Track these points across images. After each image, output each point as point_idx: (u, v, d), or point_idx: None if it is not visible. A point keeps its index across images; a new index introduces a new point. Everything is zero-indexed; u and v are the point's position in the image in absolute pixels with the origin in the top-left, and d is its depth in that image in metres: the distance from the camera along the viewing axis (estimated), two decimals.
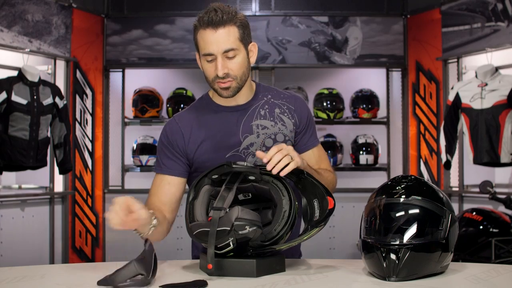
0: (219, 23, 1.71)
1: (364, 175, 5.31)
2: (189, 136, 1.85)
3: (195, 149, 1.84)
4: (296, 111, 1.90)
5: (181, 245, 5.00)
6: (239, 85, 1.79)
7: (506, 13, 4.29)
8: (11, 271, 1.64)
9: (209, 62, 1.75)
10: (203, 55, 1.75)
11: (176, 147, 1.85)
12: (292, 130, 1.88)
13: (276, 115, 1.87)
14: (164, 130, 1.89)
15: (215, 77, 1.77)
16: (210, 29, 1.71)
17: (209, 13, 1.72)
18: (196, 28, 1.76)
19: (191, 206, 1.64)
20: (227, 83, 1.76)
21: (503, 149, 4.06)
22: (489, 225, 3.37)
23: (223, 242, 1.50)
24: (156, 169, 1.89)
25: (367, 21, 5.24)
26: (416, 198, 1.55)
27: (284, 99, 1.91)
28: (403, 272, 1.48)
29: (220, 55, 1.72)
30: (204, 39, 1.73)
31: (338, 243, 5.13)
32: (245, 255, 1.57)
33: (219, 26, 1.71)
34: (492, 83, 4.12)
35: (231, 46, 1.73)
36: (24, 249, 4.45)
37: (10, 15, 4.33)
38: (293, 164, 1.59)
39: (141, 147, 5.13)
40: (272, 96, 1.90)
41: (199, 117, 1.87)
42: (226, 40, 1.72)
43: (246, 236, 1.51)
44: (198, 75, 5.41)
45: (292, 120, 1.88)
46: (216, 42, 1.71)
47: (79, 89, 4.98)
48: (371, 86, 5.25)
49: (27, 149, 4.09)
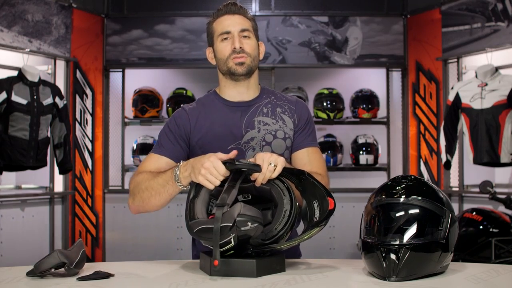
0: (236, 11, 1.91)
1: (364, 175, 5.31)
2: (195, 123, 1.91)
3: (199, 137, 1.89)
4: (296, 111, 1.97)
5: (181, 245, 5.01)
6: (252, 64, 1.90)
7: (506, 13, 4.29)
8: (11, 271, 1.64)
9: (225, 41, 1.89)
10: (220, 34, 1.89)
11: (183, 131, 1.90)
12: (292, 128, 1.93)
13: (278, 114, 1.94)
14: (173, 117, 1.96)
15: (231, 53, 1.88)
16: (227, 15, 1.91)
17: (227, 5, 1.93)
18: (211, 23, 1.94)
19: (191, 204, 1.64)
20: (242, 58, 1.88)
21: (503, 149, 4.06)
22: (489, 225, 3.37)
23: (225, 238, 1.50)
24: (154, 149, 1.91)
25: (367, 21, 5.24)
26: (416, 198, 1.55)
27: (286, 101, 1.99)
28: (403, 272, 1.48)
29: (237, 33, 1.88)
30: (222, 22, 1.90)
31: (338, 243, 5.13)
32: (245, 255, 1.57)
33: (236, 13, 1.91)
34: (492, 83, 4.12)
35: (247, 27, 1.90)
36: (24, 249, 4.45)
37: (10, 15, 4.33)
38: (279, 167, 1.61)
39: (141, 147, 5.12)
40: (276, 98, 1.99)
41: (206, 109, 1.94)
42: (243, 22, 1.91)
43: (247, 234, 1.51)
44: (198, 75, 5.43)
45: (292, 119, 1.94)
46: (234, 22, 1.90)
47: (79, 89, 4.98)
48: (371, 86, 5.25)
49: (27, 149, 4.09)
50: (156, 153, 1.89)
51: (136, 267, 1.73)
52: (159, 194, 1.74)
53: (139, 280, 1.55)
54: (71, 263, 1.54)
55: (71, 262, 1.54)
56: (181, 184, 1.69)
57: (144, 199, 1.77)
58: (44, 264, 1.52)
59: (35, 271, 1.53)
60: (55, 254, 1.53)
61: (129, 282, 1.52)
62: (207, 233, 1.53)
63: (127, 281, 1.53)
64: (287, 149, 1.92)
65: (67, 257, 1.54)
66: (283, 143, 1.92)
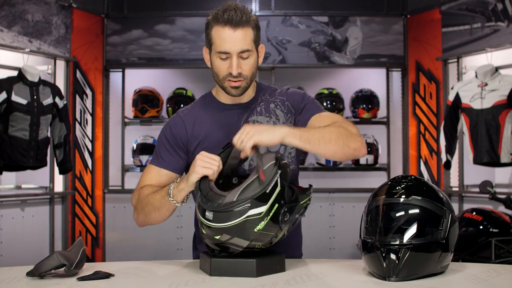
0: (239, 23, 1.73)
1: (364, 175, 5.31)
2: (192, 130, 1.88)
3: (196, 144, 1.86)
4: (287, 100, 1.91)
5: (181, 245, 5.00)
6: (247, 85, 1.82)
7: (506, 13, 4.29)
8: (11, 271, 1.64)
9: (222, 60, 1.77)
10: (218, 52, 1.76)
11: (179, 141, 1.87)
12: (284, 122, 1.88)
13: (271, 110, 1.89)
14: (168, 125, 1.92)
15: (226, 75, 1.78)
16: (228, 27, 1.73)
17: (229, 11, 1.73)
18: (211, 24, 1.78)
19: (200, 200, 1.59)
20: (238, 82, 1.79)
21: (503, 149, 4.06)
22: (489, 225, 3.37)
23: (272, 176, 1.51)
24: (153, 161, 1.90)
25: (367, 21, 5.24)
26: (416, 198, 1.55)
27: (277, 94, 1.93)
28: (403, 272, 1.48)
29: (236, 55, 1.75)
30: (221, 37, 1.74)
31: (338, 243, 5.13)
32: (245, 255, 1.56)
33: (238, 26, 1.73)
34: (492, 83, 4.12)
35: (247, 47, 1.76)
36: (24, 249, 4.45)
37: (10, 15, 4.33)
38: (249, 141, 1.58)
39: (141, 147, 5.13)
40: (269, 94, 1.93)
41: (202, 114, 1.91)
42: (243, 41, 1.75)
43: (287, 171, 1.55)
44: (198, 75, 5.43)
45: (285, 111, 1.89)
46: (234, 41, 1.74)
47: (79, 89, 4.98)
48: (371, 86, 5.25)
49: (27, 149, 4.09)
50: (156, 165, 1.88)
51: (136, 267, 1.73)
52: (158, 210, 1.74)
53: (139, 280, 1.55)
54: (71, 265, 1.54)
55: (71, 264, 1.54)
56: (173, 200, 1.69)
57: (146, 214, 1.79)
58: (43, 266, 1.52)
59: (34, 273, 1.53)
60: (55, 255, 1.53)
61: (129, 282, 1.52)
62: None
63: (127, 281, 1.53)
64: (282, 145, 1.87)
65: (67, 259, 1.54)
66: None
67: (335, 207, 5.10)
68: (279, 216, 1.52)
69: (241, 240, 1.51)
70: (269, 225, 1.50)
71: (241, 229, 1.49)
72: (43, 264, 1.53)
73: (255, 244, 1.53)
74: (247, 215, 1.47)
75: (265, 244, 1.56)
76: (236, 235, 1.50)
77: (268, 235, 1.52)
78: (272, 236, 1.54)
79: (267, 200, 1.49)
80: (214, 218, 1.49)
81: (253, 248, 1.55)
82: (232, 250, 1.54)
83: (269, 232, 1.52)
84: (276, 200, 1.51)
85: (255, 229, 1.49)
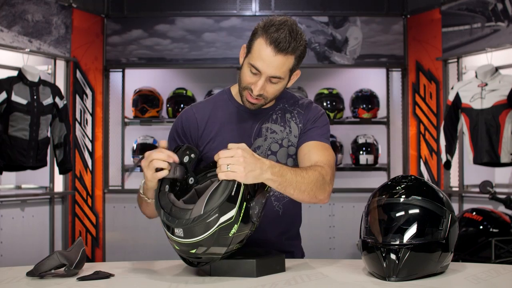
0: (283, 49, 1.67)
1: (364, 175, 5.31)
2: (204, 128, 1.85)
3: (206, 142, 1.84)
4: (304, 115, 1.87)
5: None
6: (265, 103, 1.80)
7: (506, 13, 4.29)
8: (11, 271, 1.64)
9: (251, 73, 1.72)
10: (251, 64, 1.71)
11: (189, 137, 1.86)
12: (297, 135, 1.85)
13: (287, 120, 1.86)
14: (180, 117, 1.89)
15: (249, 88, 1.75)
16: (272, 49, 1.67)
17: (281, 32, 1.67)
18: (258, 33, 1.71)
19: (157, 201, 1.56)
20: (256, 100, 1.76)
21: (503, 149, 4.06)
22: (489, 225, 3.37)
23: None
24: None
25: (367, 21, 5.24)
26: (416, 198, 1.55)
27: (297, 106, 1.90)
28: (403, 272, 1.48)
29: (265, 77, 1.71)
30: (260, 54, 1.69)
31: (338, 243, 5.13)
32: (245, 255, 1.56)
33: (281, 52, 1.68)
34: (492, 83, 4.12)
35: (280, 75, 1.71)
36: (24, 249, 4.45)
37: (10, 15, 4.33)
38: (232, 175, 1.47)
39: (141, 147, 5.12)
40: (288, 104, 1.90)
41: (217, 112, 1.87)
42: (278, 69, 1.70)
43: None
44: (198, 75, 5.43)
45: (300, 125, 1.86)
46: (270, 64, 1.69)
47: (79, 89, 4.98)
48: (371, 86, 5.25)
49: (27, 149, 4.09)
50: None
51: (136, 267, 1.73)
52: (148, 205, 1.71)
53: (139, 280, 1.55)
54: (71, 265, 1.54)
55: (71, 264, 1.54)
56: (146, 197, 1.66)
57: (142, 208, 1.79)
58: (43, 266, 1.52)
59: (34, 273, 1.53)
60: (55, 255, 1.53)
61: (129, 282, 1.52)
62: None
63: (127, 281, 1.53)
64: (290, 157, 1.85)
65: (67, 259, 1.54)
66: (286, 151, 1.85)
67: (335, 207, 5.10)
68: (249, 213, 1.50)
69: (219, 248, 1.47)
70: (242, 225, 1.48)
71: (216, 238, 1.45)
72: (43, 264, 1.53)
73: (233, 247, 1.51)
74: (218, 223, 1.43)
75: (242, 243, 1.55)
76: (213, 245, 1.46)
77: (243, 234, 1.51)
78: (247, 233, 1.53)
79: (235, 202, 1.46)
80: (185, 234, 1.45)
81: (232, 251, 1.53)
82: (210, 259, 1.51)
83: (244, 232, 1.50)
84: (243, 198, 1.48)
85: (229, 234, 1.46)
